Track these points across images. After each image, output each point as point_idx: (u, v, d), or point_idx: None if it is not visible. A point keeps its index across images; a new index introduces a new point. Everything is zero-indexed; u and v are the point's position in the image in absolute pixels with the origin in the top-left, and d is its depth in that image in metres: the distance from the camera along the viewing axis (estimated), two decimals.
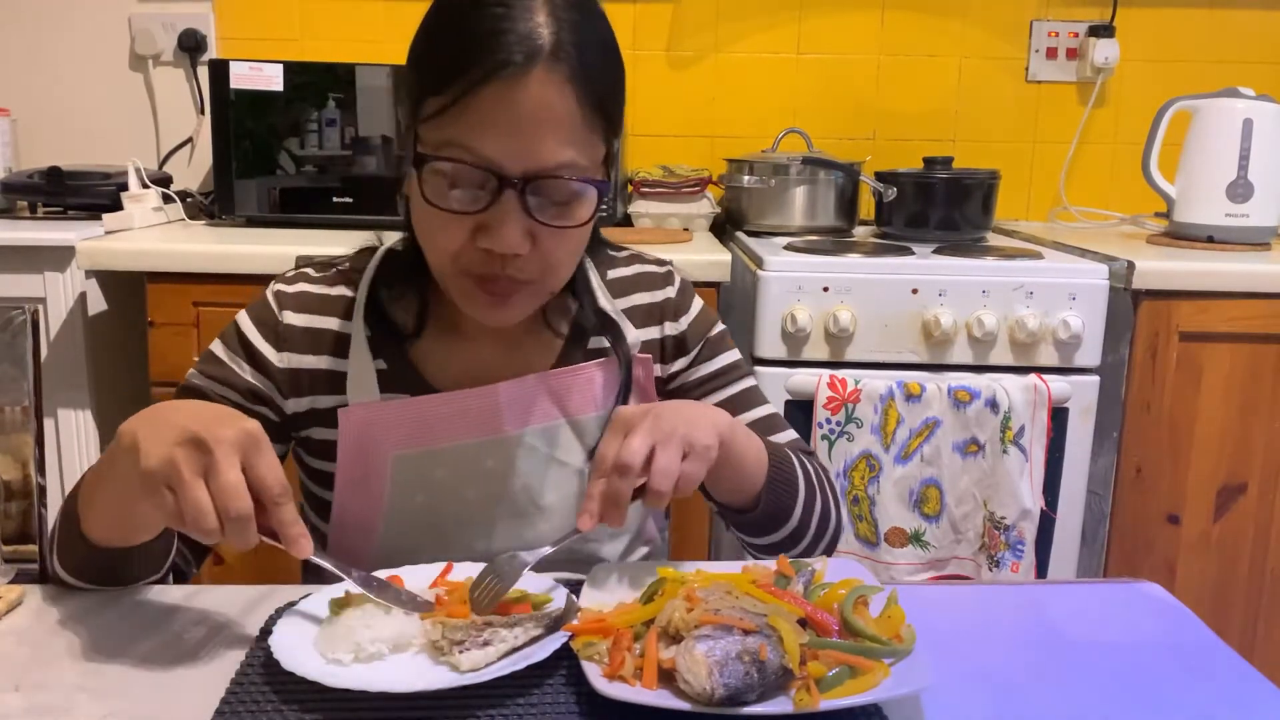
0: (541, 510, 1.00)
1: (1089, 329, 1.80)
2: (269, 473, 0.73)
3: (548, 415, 1.00)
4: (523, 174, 0.84)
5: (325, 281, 1.02)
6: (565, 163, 0.85)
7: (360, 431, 0.96)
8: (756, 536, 1.00)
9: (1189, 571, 1.92)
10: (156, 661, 0.78)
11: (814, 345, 1.81)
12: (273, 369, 0.98)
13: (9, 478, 1.00)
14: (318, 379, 0.99)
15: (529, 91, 0.82)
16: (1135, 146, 2.19)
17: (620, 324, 1.04)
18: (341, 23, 2.41)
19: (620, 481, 0.80)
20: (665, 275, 1.10)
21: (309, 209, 2.10)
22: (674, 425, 0.83)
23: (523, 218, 0.85)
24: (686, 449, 0.82)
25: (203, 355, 1.00)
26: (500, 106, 0.82)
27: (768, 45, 2.46)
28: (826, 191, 2.17)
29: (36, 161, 2.23)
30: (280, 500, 0.73)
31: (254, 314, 1.00)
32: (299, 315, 0.99)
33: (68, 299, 1.90)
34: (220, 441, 0.71)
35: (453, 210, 0.86)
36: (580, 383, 1.01)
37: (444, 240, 0.88)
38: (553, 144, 0.84)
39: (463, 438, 0.97)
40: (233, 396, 0.97)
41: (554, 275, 0.92)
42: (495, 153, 0.83)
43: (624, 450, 0.80)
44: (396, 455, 0.97)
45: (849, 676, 0.70)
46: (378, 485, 0.97)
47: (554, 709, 0.70)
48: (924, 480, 1.79)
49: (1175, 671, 0.79)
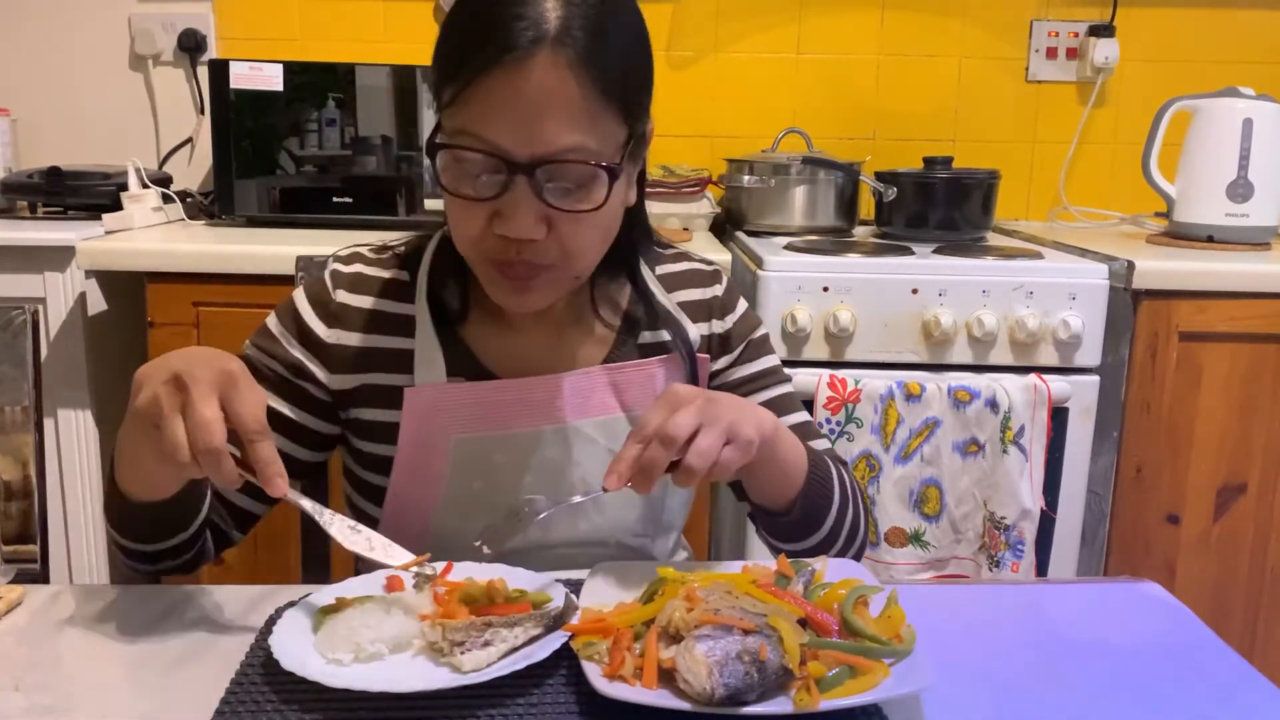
0: (597, 503, 1.00)
1: (1089, 329, 1.80)
2: (245, 409, 0.75)
3: (607, 408, 1.01)
4: (530, 159, 0.84)
5: (381, 264, 1.03)
6: (573, 146, 0.85)
7: (425, 412, 0.97)
8: (787, 541, 1.00)
9: (1189, 571, 1.92)
10: (157, 661, 0.78)
11: (814, 345, 1.81)
12: (321, 345, 0.99)
13: (9, 478, 1.01)
14: (369, 357, 1.00)
15: (533, 76, 0.83)
16: (1135, 146, 2.19)
17: (680, 320, 1.05)
18: (341, 23, 2.41)
19: (661, 450, 0.81)
20: (714, 273, 1.11)
21: (309, 209, 2.09)
22: (723, 411, 0.84)
23: (534, 203, 0.85)
24: (730, 436, 0.84)
25: (259, 327, 1.03)
26: (505, 92, 0.83)
27: (768, 45, 2.46)
28: (826, 191, 2.17)
29: (36, 161, 2.23)
30: (256, 438, 0.76)
31: (309, 291, 1.02)
32: (352, 295, 1.01)
33: (68, 299, 1.90)
34: (197, 380, 0.74)
35: (468, 197, 0.87)
36: (642, 378, 1.02)
37: (464, 227, 0.90)
38: (558, 128, 0.84)
39: (524, 425, 0.99)
40: (277, 369, 1.00)
41: (575, 261, 0.92)
42: (502, 138, 0.84)
43: (671, 422, 0.81)
44: (458, 438, 0.98)
45: (849, 676, 0.70)
46: (438, 468, 0.98)
47: (554, 709, 0.70)
48: (924, 480, 1.79)
49: (1175, 671, 0.79)
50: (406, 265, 1.03)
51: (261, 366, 1.00)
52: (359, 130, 2.07)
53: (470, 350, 1.01)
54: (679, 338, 1.04)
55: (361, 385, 1.00)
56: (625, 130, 0.89)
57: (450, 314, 1.01)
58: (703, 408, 0.83)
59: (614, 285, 1.05)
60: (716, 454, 0.82)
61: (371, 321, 1.00)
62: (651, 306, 1.05)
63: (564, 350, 1.02)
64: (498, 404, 0.98)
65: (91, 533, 1.97)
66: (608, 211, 0.90)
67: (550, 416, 0.99)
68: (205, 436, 0.73)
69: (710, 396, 0.86)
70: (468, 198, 0.87)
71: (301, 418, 1.01)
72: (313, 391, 1.00)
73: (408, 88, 2.06)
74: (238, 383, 0.76)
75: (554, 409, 0.99)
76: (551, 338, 1.02)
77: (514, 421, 0.99)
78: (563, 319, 1.02)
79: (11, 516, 1.00)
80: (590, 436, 1.00)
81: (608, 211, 0.90)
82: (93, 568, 1.98)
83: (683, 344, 1.04)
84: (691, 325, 1.06)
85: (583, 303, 1.03)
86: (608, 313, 1.04)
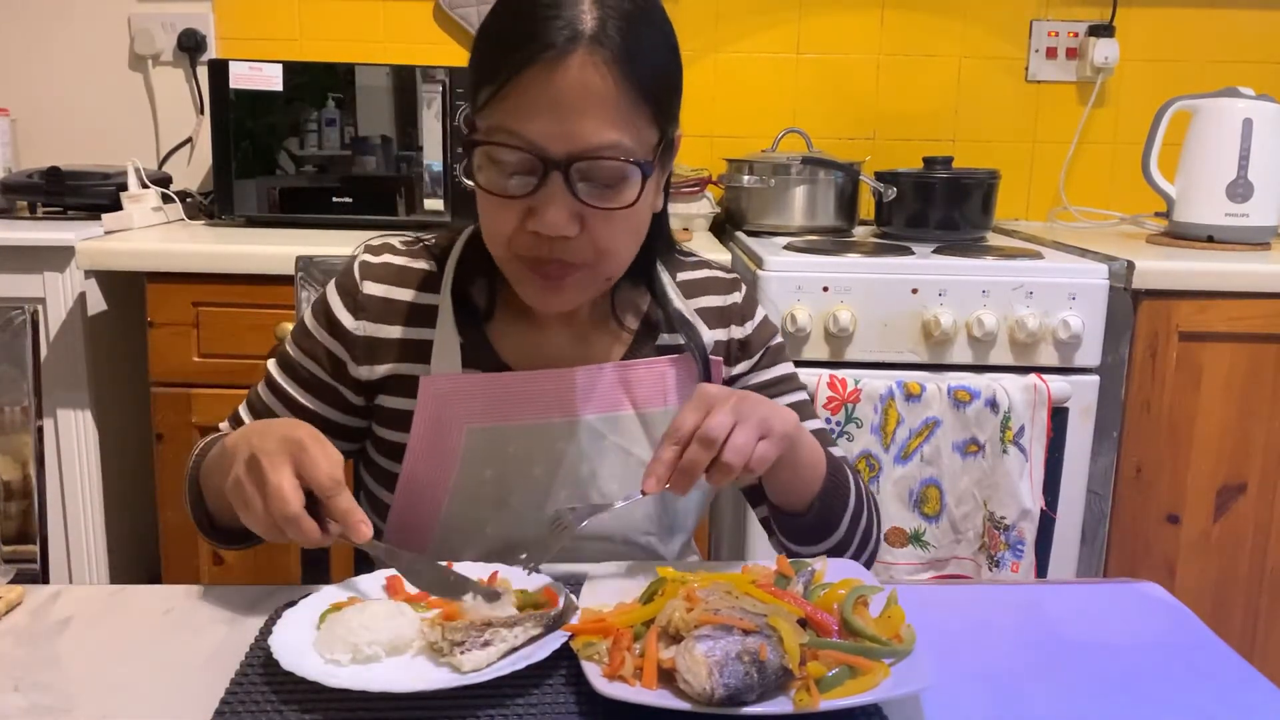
0: (604, 496, 1.02)
1: (1089, 329, 1.80)
2: (317, 472, 0.79)
3: (616, 404, 1.02)
4: (566, 155, 0.85)
5: (409, 255, 1.04)
6: (609, 144, 0.86)
7: (439, 400, 0.98)
8: (803, 544, 1.01)
9: (1189, 571, 1.92)
10: (156, 661, 0.78)
11: (814, 345, 1.81)
12: (349, 335, 1.01)
13: (9, 478, 1.01)
14: (396, 347, 1.01)
15: (569, 74, 0.84)
16: (1135, 146, 2.19)
17: (696, 324, 1.06)
18: (341, 23, 2.41)
19: (701, 451, 0.83)
20: (732, 281, 1.12)
21: (308, 209, 2.09)
22: (755, 408, 0.86)
23: (569, 199, 0.87)
24: (764, 431, 0.85)
25: (296, 324, 1.06)
26: (542, 89, 0.84)
27: (767, 45, 2.46)
28: (826, 191, 2.17)
29: (36, 161, 2.23)
30: (332, 493, 0.80)
31: (339, 282, 1.03)
32: (379, 285, 1.01)
33: (67, 299, 1.90)
34: (270, 454, 0.80)
35: (503, 195, 0.88)
36: (652, 376, 1.03)
37: (498, 224, 0.91)
38: (595, 125, 0.85)
39: (535, 417, 1.00)
40: (316, 370, 1.02)
41: (607, 261, 0.93)
42: (538, 135, 0.85)
43: (709, 424, 0.83)
44: (470, 428, 0.99)
45: (849, 676, 0.70)
46: (450, 455, 0.99)
47: (554, 709, 0.70)
48: (924, 480, 1.79)
49: (1175, 671, 0.79)
50: (436, 258, 1.04)
51: (298, 366, 1.03)
52: (359, 130, 2.07)
53: (491, 345, 1.02)
54: (694, 342, 1.05)
55: (389, 375, 1.01)
56: (657, 133, 0.91)
57: (477, 311, 1.02)
58: (737, 405, 0.85)
59: (635, 290, 1.06)
60: (752, 449, 0.84)
61: (398, 312, 1.01)
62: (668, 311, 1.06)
63: (583, 351, 1.03)
64: (511, 395, 0.99)
65: (91, 533, 1.97)
66: (639, 211, 0.91)
67: (561, 409, 1.00)
68: (280, 506, 0.78)
69: (741, 394, 0.87)
70: (503, 195, 0.88)
71: (333, 415, 1.03)
72: (345, 392, 1.02)
73: (407, 88, 2.06)
74: (306, 447, 0.80)
75: (565, 401, 1.00)
76: (572, 338, 1.03)
77: (526, 413, 1.00)
78: (585, 321, 1.04)
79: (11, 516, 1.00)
80: (599, 431, 1.01)
81: (639, 211, 0.91)
82: (93, 568, 1.98)
83: (697, 348, 1.05)
84: (708, 331, 1.07)
85: (604, 306, 1.04)
86: (628, 317, 1.06)
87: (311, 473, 0.79)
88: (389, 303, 1.01)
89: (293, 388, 1.03)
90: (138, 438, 2.01)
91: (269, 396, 1.05)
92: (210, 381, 1.86)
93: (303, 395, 1.03)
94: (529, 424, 1.00)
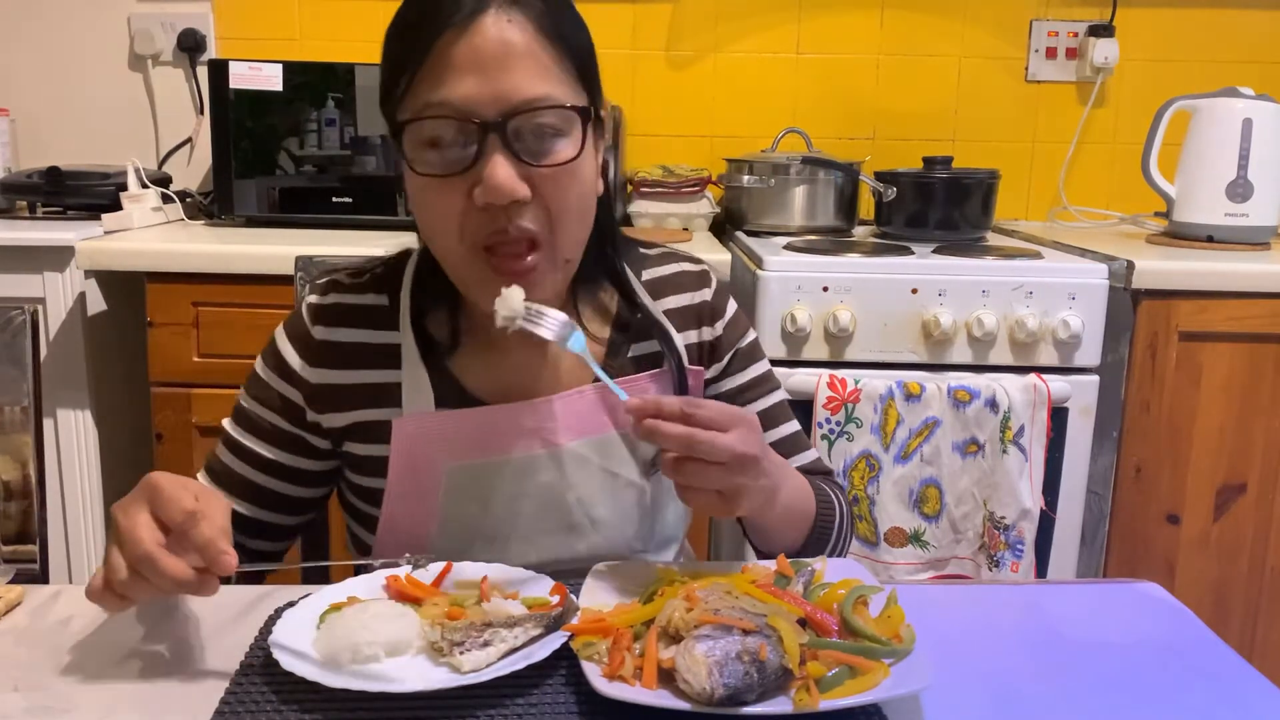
0: (595, 523, 0.99)
1: (1089, 329, 1.80)
2: (169, 507, 0.74)
3: (600, 427, 0.99)
4: (499, 114, 0.83)
5: (358, 289, 1.00)
6: (540, 95, 0.84)
7: (413, 443, 0.95)
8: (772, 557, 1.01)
9: (1189, 571, 1.92)
10: (156, 661, 0.78)
11: (814, 345, 1.81)
12: (304, 383, 0.97)
13: (9, 478, 1.00)
14: (359, 393, 0.97)
15: (487, 33, 0.83)
16: (1135, 146, 2.19)
17: (670, 331, 1.02)
18: (341, 23, 2.41)
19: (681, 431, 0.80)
20: (701, 275, 1.07)
21: (308, 209, 2.09)
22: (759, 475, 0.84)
23: (511, 159, 0.84)
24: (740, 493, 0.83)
25: (248, 375, 1.01)
26: (462, 52, 0.83)
27: (767, 45, 2.46)
28: (826, 191, 2.17)
29: (36, 161, 2.23)
30: (187, 526, 0.73)
31: (289, 328, 0.99)
32: (332, 330, 0.97)
33: (67, 299, 1.90)
34: (123, 508, 0.75)
35: (444, 175, 0.85)
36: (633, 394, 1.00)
37: (444, 212, 0.87)
38: (522, 78, 0.84)
39: (517, 450, 0.96)
40: (269, 418, 0.98)
41: (561, 230, 0.88)
42: (466, 100, 0.83)
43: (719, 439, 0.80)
44: (450, 467, 0.96)
45: (849, 676, 0.70)
46: (430, 497, 0.96)
47: (554, 709, 0.70)
48: (924, 480, 1.78)
49: (1175, 671, 0.79)
50: (385, 288, 0.99)
51: (255, 418, 0.98)
52: (358, 130, 2.07)
53: (456, 379, 0.98)
54: (670, 349, 1.01)
55: (353, 423, 0.98)
56: (585, 98, 0.88)
57: (439, 345, 0.98)
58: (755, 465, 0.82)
59: (601, 293, 1.02)
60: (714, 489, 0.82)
61: (355, 355, 0.97)
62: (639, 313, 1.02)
63: (554, 375, 0.99)
64: (489, 431, 0.96)
65: (91, 533, 1.97)
66: (584, 171, 0.88)
67: (543, 440, 0.97)
68: (131, 549, 0.73)
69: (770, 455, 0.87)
70: (444, 175, 0.85)
71: (297, 462, 0.99)
72: (306, 436, 0.99)
73: None
74: (159, 488, 0.75)
75: (546, 432, 0.97)
76: (542, 358, 0.99)
77: (507, 447, 0.96)
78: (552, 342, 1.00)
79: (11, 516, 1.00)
80: (584, 457, 0.98)
81: (584, 171, 0.88)
82: (92, 568, 1.98)
83: (673, 356, 1.01)
84: (678, 335, 1.02)
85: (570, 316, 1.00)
86: (596, 325, 1.02)
87: (165, 510, 0.74)
88: (345, 346, 0.97)
89: (255, 443, 0.99)
90: (138, 438, 2.01)
91: (230, 458, 0.99)
92: (210, 381, 1.86)
93: (267, 449, 0.98)
94: (511, 458, 0.96)
